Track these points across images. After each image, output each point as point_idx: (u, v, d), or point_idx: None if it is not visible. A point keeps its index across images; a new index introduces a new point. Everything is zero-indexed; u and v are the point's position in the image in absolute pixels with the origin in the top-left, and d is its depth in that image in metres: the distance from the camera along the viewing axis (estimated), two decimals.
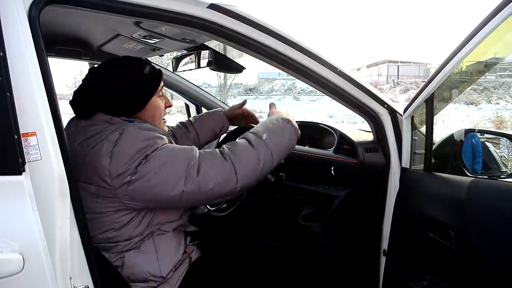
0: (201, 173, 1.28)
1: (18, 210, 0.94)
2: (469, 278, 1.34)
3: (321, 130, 2.35)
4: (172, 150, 1.31)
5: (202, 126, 2.07)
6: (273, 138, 1.43)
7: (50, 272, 0.99)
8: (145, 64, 1.49)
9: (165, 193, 1.26)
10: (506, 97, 29.00)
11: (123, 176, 1.24)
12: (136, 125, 1.34)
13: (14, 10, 0.98)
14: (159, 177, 1.25)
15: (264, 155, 1.38)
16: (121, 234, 1.35)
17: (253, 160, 1.36)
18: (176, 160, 1.28)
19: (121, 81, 1.40)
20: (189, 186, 1.26)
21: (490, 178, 1.68)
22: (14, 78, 0.96)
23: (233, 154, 1.34)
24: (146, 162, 1.25)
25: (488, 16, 1.16)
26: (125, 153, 1.25)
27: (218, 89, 30.42)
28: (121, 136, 1.28)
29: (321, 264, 2.18)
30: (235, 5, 1.40)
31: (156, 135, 1.33)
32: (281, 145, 1.44)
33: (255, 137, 1.41)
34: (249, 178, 1.35)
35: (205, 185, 1.27)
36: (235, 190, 1.33)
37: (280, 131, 1.47)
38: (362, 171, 1.90)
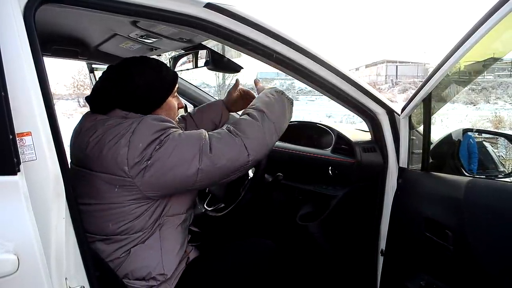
0: (213, 150, 1.32)
1: (13, 210, 0.94)
2: (466, 277, 1.34)
3: (319, 130, 2.34)
4: (183, 133, 1.35)
5: (201, 118, 2.07)
6: (273, 110, 1.50)
7: (46, 272, 0.98)
8: (163, 65, 1.53)
9: (181, 173, 1.30)
10: (504, 96, 29.02)
11: (140, 163, 1.27)
12: (153, 116, 1.38)
13: (9, 9, 0.98)
14: (174, 158, 1.29)
15: (267, 128, 1.44)
16: (134, 226, 1.36)
17: (259, 133, 1.41)
18: (188, 140, 1.32)
19: (140, 79, 1.43)
20: (204, 163, 1.30)
21: (488, 178, 1.68)
22: (9, 78, 0.95)
23: (240, 131, 1.39)
24: (160, 147, 1.29)
25: (485, 15, 1.16)
26: (141, 141, 1.29)
27: (217, 89, 30.35)
28: (138, 126, 1.31)
29: (319, 264, 2.18)
30: (232, 4, 1.40)
31: (170, 125, 1.37)
32: (281, 116, 1.51)
33: (256, 112, 1.47)
34: (258, 150, 1.40)
35: (218, 160, 1.32)
36: (247, 163, 1.38)
37: (278, 103, 1.53)
38: (359, 171, 1.90)
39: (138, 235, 1.38)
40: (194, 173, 1.30)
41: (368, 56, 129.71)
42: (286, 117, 1.55)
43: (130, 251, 1.38)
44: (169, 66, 2.26)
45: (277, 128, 1.48)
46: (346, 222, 2.07)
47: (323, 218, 2.03)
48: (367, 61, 47.49)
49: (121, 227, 1.36)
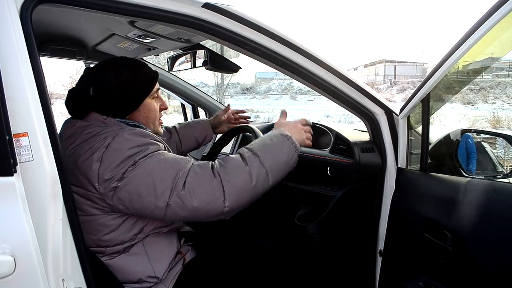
0: (186, 187, 1.22)
1: (10, 211, 0.93)
2: (465, 278, 1.33)
3: (318, 130, 2.34)
4: (162, 158, 1.27)
5: (185, 134, 2.10)
6: (269, 156, 1.34)
7: (42, 274, 0.98)
8: (141, 65, 1.48)
9: (151, 203, 1.22)
10: (502, 96, 29.10)
11: (110, 182, 1.22)
12: (130, 131, 1.32)
13: (5, 9, 0.97)
14: (144, 185, 1.22)
15: (257, 174, 1.29)
16: (113, 238, 1.33)
17: (244, 178, 1.28)
18: (164, 169, 1.24)
19: (114, 80, 1.39)
20: (173, 199, 1.21)
21: (486, 179, 1.68)
22: (6, 78, 0.95)
23: (223, 170, 1.27)
24: (134, 169, 1.23)
25: (484, 15, 1.16)
26: (114, 158, 1.23)
27: (215, 89, 30.41)
28: (113, 141, 1.26)
29: (317, 264, 2.18)
30: (230, 4, 1.40)
31: (149, 141, 1.30)
32: (277, 164, 1.36)
33: (249, 154, 1.34)
34: (238, 197, 1.26)
35: (188, 200, 1.21)
36: (223, 209, 1.24)
37: (278, 149, 1.38)
38: (358, 171, 1.89)
39: (118, 247, 1.35)
40: (163, 207, 1.22)
41: (366, 56, 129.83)
42: (286, 165, 1.38)
43: (114, 261, 1.36)
44: (167, 66, 2.27)
45: (270, 176, 1.32)
46: (345, 223, 2.07)
47: (321, 219, 2.03)
48: (366, 61, 47.62)
49: (101, 238, 1.33)
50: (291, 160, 1.39)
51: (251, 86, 39.59)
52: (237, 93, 37.02)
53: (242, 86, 39.00)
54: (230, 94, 34.26)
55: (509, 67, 31.36)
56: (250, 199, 1.30)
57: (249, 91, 38.74)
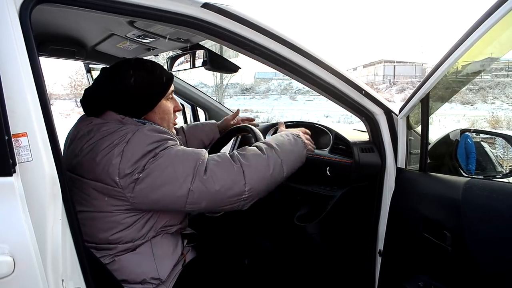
0: (208, 172, 1.28)
1: (9, 211, 0.93)
2: (464, 278, 1.34)
3: (317, 130, 2.34)
4: (181, 149, 1.32)
5: (193, 135, 2.11)
6: (283, 148, 1.45)
7: (42, 274, 0.98)
8: (156, 66, 1.51)
9: (172, 192, 1.26)
10: (501, 96, 29.12)
11: (131, 175, 1.25)
12: (149, 127, 1.36)
13: (4, 9, 0.97)
14: (166, 174, 1.26)
15: (274, 163, 1.39)
16: (124, 236, 1.34)
17: (263, 165, 1.37)
18: (184, 158, 1.29)
19: (131, 81, 1.42)
20: (195, 184, 1.26)
21: (486, 178, 1.67)
22: (5, 78, 0.95)
23: (243, 157, 1.35)
24: (155, 160, 1.26)
25: (484, 15, 1.15)
26: (135, 152, 1.26)
27: (215, 89, 30.36)
28: (133, 136, 1.29)
29: (317, 264, 2.18)
30: (229, 4, 1.40)
31: (168, 137, 1.34)
32: (291, 156, 1.47)
33: (265, 145, 1.44)
34: (258, 183, 1.34)
35: (211, 184, 1.27)
36: (244, 194, 1.31)
37: (290, 144, 1.50)
38: (357, 171, 1.89)
39: (128, 245, 1.36)
40: (185, 194, 1.26)
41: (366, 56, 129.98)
42: (297, 159, 1.50)
43: (120, 260, 1.37)
44: (166, 66, 2.27)
45: (284, 166, 1.43)
46: (344, 223, 2.07)
47: (321, 219, 2.03)
48: (365, 61, 47.74)
49: (111, 236, 1.34)
50: (301, 155, 1.52)
51: (251, 86, 39.58)
52: (236, 93, 37.01)
53: (241, 86, 38.99)
54: (229, 94, 34.26)
55: (508, 67, 31.39)
56: (268, 186, 1.39)
57: (248, 91, 38.73)
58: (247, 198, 1.34)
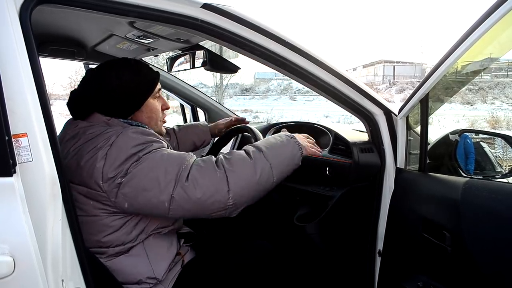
0: (190, 178, 1.23)
1: (9, 212, 0.94)
2: (463, 278, 1.34)
3: (317, 130, 2.35)
4: (165, 154, 1.29)
5: (184, 137, 2.10)
6: (274, 152, 1.38)
7: (42, 274, 0.98)
8: (142, 65, 1.50)
9: (155, 197, 1.23)
10: (501, 97, 29.13)
11: (114, 179, 1.23)
12: (134, 129, 1.33)
13: (5, 10, 0.98)
14: (148, 179, 1.23)
15: (261, 167, 1.32)
16: (114, 239, 1.33)
17: (249, 170, 1.30)
18: (167, 163, 1.25)
19: (116, 81, 1.40)
20: (177, 191, 1.22)
21: (485, 179, 1.68)
22: (5, 78, 0.95)
23: (228, 163, 1.30)
24: (138, 164, 1.24)
25: (483, 15, 1.15)
26: (118, 156, 1.24)
27: (214, 89, 30.38)
28: (117, 139, 1.27)
29: (316, 264, 2.18)
30: (229, 5, 1.40)
31: (153, 139, 1.31)
32: (282, 159, 1.39)
33: (253, 149, 1.38)
34: (242, 189, 1.28)
35: (193, 192, 1.22)
36: (228, 201, 1.25)
37: (282, 146, 1.43)
38: (357, 171, 1.89)
39: (119, 248, 1.35)
40: (167, 200, 1.23)
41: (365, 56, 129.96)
42: (289, 162, 1.42)
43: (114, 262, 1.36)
44: (166, 66, 2.27)
45: (274, 170, 1.35)
46: (344, 223, 2.07)
47: (321, 219, 2.03)
48: (365, 61, 47.72)
49: (103, 239, 1.33)
50: (295, 157, 1.44)
51: (250, 87, 39.57)
52: (236, 94, 37.00)
53: (241, 87, 38.98)
54: (229, 95, 34.24)
55: (508, 67, 31.40)
56: (255, 193, 1.32)
57: (248, 91, 38.72)
58: (232, 206, 1.27)
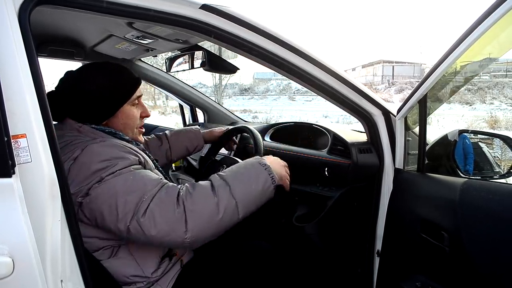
0: (147, 213, 1.17)
1: (8, 212, 0.94)
2: (462, 278, 1.34)
3: (315, 130, 2.35)
4: (130, 179, 1.22)
5: (176, 142, 2.07)
6: (242, 186, 1.28)
7: (41, 275, 0.98)
8: (121, 70, 1.46)
9: (112, 224, 1.20)
10: (500, 97, 29.16)
11: (75, 196, 1.19)
12: (100, 143, 1.28)
13: (4, 11, 0.98)
14: (107, 206, 1.19)
15: (225, 205, 1.23)
16: (89, 245, 1.29)
17: (210, 210, 1.21)
18: (128, 192, 1.19)
19: (91, 85, 1.38)
20: (133, 224, 1.17)
21: (483, 179, 1.68)
22: (4, 79, 0.95)
23: (189, 199, 1.21)
24: (99, 185, 1.20)
25: (482, 15, 1.15)
26: (81, 172, 1.20)
27: (213, 89, 30.36)
28: (82, 153, 1.23)
29: (315, 264, 2.18)
30: (228, 6, 1.40)
31: (120, 155, 1.26)
32: (250, 195, 1.29)
33: (220, 182, 1.28)
34: (202, 229, 1.20)
35: (148, 228, 1.17)
36: (184, 240, 1.19)
37: (253, 179, 1.32)
38: (355, 171, 1.90)
39: (99, 252, 1.33)
40: (124, 230, 1.19)
41: (364, 56, 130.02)
42: (260, 196, 1.32)
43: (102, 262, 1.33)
44: (165, 67, 2.28)
45: (241, 207, 1.25)
46: (342, 223, 2.07)
47: (320, 219, 2.04)
48: (364, 61, 47.71)
49: None
50: (267, 191, 1.33)
51: (249, 87, 39.56)
52: (235, 94, 36.99)
53: (240, 87, 38.97)
54: (228, 95, 34.24)
55: (507, 67, 31.43)
56: (215, 231, 1.24)
57: (247, 91, 38.71)
58: (189, 244, 1.21)
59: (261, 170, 1.34)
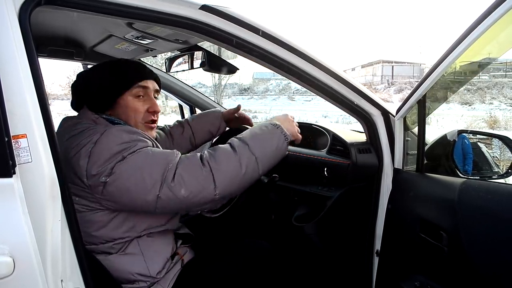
0: (176, 178, 1.23)
1: (9, 212, 0.94)
2: (460, 278, 1.34)
3: (315, 131, 2.35)
4: (150, 153, 1.28)
5: (198, 126, 2.07)
6: (259, 144, 1.37)
7: (41, 275, 0.99)
8: (123, 63, 1.52)
9: (140, 198, 1.24)
10: (499, 97, 29.16)
11: (98, 176, 1.23)
12: (118, 127, 1.34)
13: (4, 11, 0.98)
14: (134, 180, 1.23)
15: (247, 161, 1.32)
16: (102, 234, 1.33)
17: (234, 166, 1.30)
18: (153, 163, 1.25)
19: (94, 76, 1.48)
20: (163, 191, 1.23)
21: (482, 179, 1.68)
22: (4, 79, 0.96)
23: (213, 160, 1.29)
24: (122, 163, 1.24)
25: (482, 15, 1.15)
26: (102, 154, 1.24)
27: (213, 89, 30.35)
28: (101, 137, 1.27)
29: (314, 264, 2.19)
30: (227, 6, 1.40)
31: (138, 138, 1.31)
32: (267, 151, 1.38)
33: (239, 142, 1.36)
34: (229, 184, 1.29)
35: (179, 191, 1.23)
36: (214, 197, 1.27)
37: (268, 137, 1.41)
38: (354, 172, 1.90)
39: (109, 245, 1.35)
40: (153, 200, 1.23)
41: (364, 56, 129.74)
42: (276, 152, 1.41)
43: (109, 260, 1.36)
44: (165, 67, 2.28)
45: (260, 163, 1.35)
46: (342, 223, 2.07)
47: (319, 219, 2.04)
48: (363, 61, 47.62)
49: (92, 234, 1.33)
50: (281, 148, 1.42)
51: (249, 87, 39.50)
52: (234, 94, 36.95)
53: (240, 87, 38.93)
54: (227, 95, 34.20)
55: (506, 67, 31.44)
56: (241, 186, 1.34)
57: (246, 91, 38.67)
58: (218, 200, 1.30)
59: (274, 130, 1.43)
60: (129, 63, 1.53)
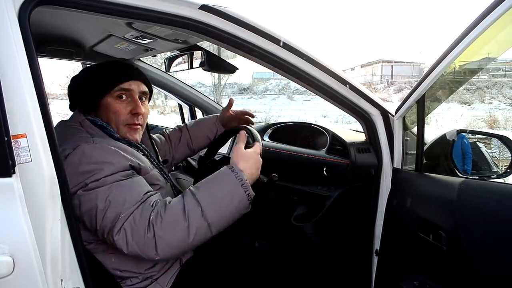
0: (121, 233, 1.21)
1: (8, 212, 0.94)
2: (459, 278, 1.34)
3: (314, 130, 2.36)
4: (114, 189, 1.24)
5: (196, 131, 2.08)
6: (216, 206, 1.27)
7: (41, 274, 0.99)
8: (106, 65, 1.54)
9: (92, 229, 1.26)
10: (499, 96, 29.16)
11: None
12: (92, 144, 1.31)
13: (3, 11, 0.98)
14: (88, 216, 1.24)
15: (196, 229, 1.23)
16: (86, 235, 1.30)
17: (180, 235, 1.22)
18: (109, 205, 1.22)
19: (80, 78, 1.53)
20: (109, 238, 1.23)
21: (481, 179, 1.69)
22: (4, 79, 0.96)
23: (159, 224, 1.21)
24: (83, 191, 1.24)
25: (481, 15, 1.15)
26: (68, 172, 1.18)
27: (212, 89, 30.33)
28: (72, 153, 1.27)
29: (314, 264, 2.19)
30: (227, 6, 1.40)
31: (108, 160, 1.28)
32: (223, 215, 1.28)
33: (192, 203, 1.25)
34: (172, 252, 1.24)
35: (120, 245, 1.21)
36: (155, 259, 1.24)
37: (227, 199, 1.29)
38: (354, 171, 1.91)
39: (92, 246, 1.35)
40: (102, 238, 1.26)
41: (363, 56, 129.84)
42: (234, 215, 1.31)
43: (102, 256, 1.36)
44: (164, 66, 2.28)
45: (213, 228, 1.26)
46: (341, 223, 2.07)
47: (318, 219, 2.04)
48: (363, 61, 47.51)
49: None
50: (241, 209, 1.32)
51: (248, 86, 39.47)
52: (234, 93, 36.89)
53: (239, 86, 38.90)
54: (227, 94, 34.13)
55: (506, 67, 31.44)
56: (187, 250, 1.28)
57: (246, 91, 38.64)
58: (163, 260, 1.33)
59: (236, 185, 1.30)
60: (113, 64, 1.53)
